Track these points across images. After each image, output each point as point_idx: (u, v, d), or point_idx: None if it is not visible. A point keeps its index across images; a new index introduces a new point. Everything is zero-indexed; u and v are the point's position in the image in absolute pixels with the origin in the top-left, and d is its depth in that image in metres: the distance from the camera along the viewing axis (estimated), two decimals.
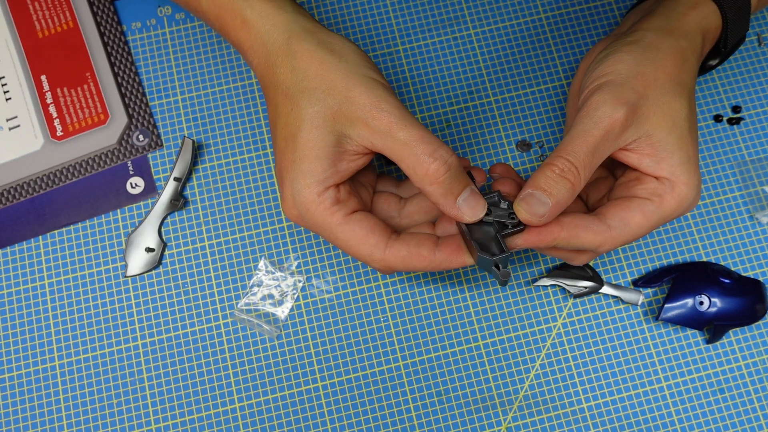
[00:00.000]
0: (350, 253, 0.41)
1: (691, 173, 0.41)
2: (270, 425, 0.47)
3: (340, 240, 0.41)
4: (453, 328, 0.49)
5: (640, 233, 0.42)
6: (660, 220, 0.42)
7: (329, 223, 0.40)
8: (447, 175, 0.39)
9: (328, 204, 0.40)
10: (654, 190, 0.41)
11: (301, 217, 0.41)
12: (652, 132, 0.41)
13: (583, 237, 0.41)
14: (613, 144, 0.40)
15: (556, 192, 0.39)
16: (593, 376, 0.49)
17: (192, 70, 0.54)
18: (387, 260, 0.41)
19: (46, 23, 0.54)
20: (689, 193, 0.41)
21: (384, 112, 0.39)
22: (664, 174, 0.41)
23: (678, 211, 0.42)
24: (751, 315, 0.48)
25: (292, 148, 0.40)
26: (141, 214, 0.51)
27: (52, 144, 0.52)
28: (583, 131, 0.40)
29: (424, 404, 0.48)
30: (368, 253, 0.41)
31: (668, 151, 0.41)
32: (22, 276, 0.50)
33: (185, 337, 0.49)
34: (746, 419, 0.48)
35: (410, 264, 0.41)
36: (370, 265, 0.42)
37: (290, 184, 0.40)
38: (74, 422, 0.47)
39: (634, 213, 0.41)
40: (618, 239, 0.41)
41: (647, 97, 0.41)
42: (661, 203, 0.41)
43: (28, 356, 0.48)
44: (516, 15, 0.56)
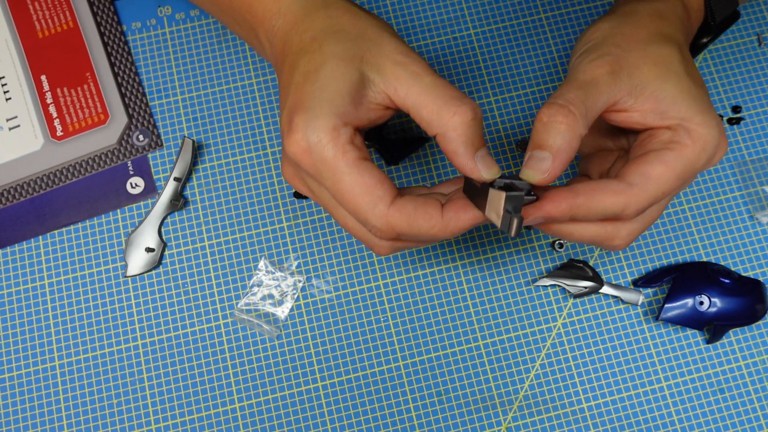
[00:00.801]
0: (350, 205, 0.37)
1: (704, 113, 0.38)
2: (270, 425, 0.47)
3: (344, 184, 0.37)
4: (453, 328, 0.49)
5: (667, 187, 0.38)
6: (686, 169, 0.38)
7: (338, 163, 0.37)
8: (473, 122, 0.37)
9: (343, 141, 0.37)
10: (669, 139, 0.39)
11: (310, 152, 0.37)
12: (645, 83, 0.39)
13: (602, 199, 0.37)
14: (603, 95, 0.38)
15: (552, 140, 0.37)
16: (593, 376, 0.49)
17: (192, 70, 0.54)
18: (390, 217, 0.37)
19: (46, 23, 0.54)
20: (709, 134, 0.38)
21: (412, 59, 0.38)
22: (674, 121, 0.38)
23: (704, 156, 0.38)
24: (751, 315, 0.48)
25: (314, 79, 0.38)
26: (141, 214, 0.51)
27: (52, 144, 0.52)
28: (566, 82, 0.39)
29: (424, 404, 0.48)
30: (371, 205, 0.37)
31: (670, 98, 0.38)
32: (23, 276, 0.50)
33: (185, 337, 0.49)
34: (746, 419, 0.48)
35: (415, 223, 0.37)
36: (368, 225, 0.38)
37: (305, 113, 0.37)
38: (74, 422, 0.47)
39: (653, 165, 0.38)
40: (643, 196, 0.38)
41: (630, 49, 0.39)
42: (681, 150, 0.38)
43: (29, 356, 0.48)
44: (516, 15, 0.56)
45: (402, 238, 0.38)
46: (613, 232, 0.40)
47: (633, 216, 0.39)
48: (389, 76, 0.38)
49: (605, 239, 0.40)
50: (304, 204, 0.52)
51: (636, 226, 0.40)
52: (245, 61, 0.54)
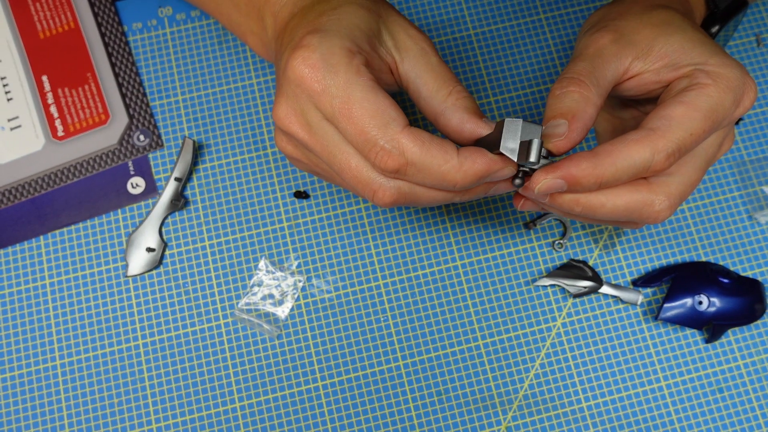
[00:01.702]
0: (359, 122, 0.34)
1: (720, 55, 0.36)
2: (270, 425, 0.47)
3: (355, 99, 0.34)
4: (453, 328, 0.49)
5: (695, 128, 0.35)
6: (713, 108, 0.35)
7: (350, 79, 0.34)
8: (469, 98, 0.37)
9: (358, 62, 0.35)
10: (688, 82, 0.36)
11: (318, 63, 0.34)
12: (651, 43, 0.37)
13: (625, 151, 0.34)
14: (610, 64, 0.37)
15: (566, 107, 0.35)
16: (593, 375, 0.49)
17: (192, 70, 0.54)
18: (403, 139, 0.34)
19: (48, 24, 0.54)
20: (730, 73, 0.36)
21: (423, 35, 0.38)
22: (688, 68, 0.36)
23: (729, 94, 0.36)
24: (750, 314, 0.48)
25: (333, 15, 0.36)
26: (142, 214, 0.51)
27: (53, 144, 0.52)
28: (573, 58, 0.38)
29: (424, 404, 0.48)
30: (383, 124, 0.34)
31: (679, 49, 0.37)
32: (23, 276, 0.50)
33: (185, 337, 0.49)
34: (745, 418, 0.48)
35: (428, 153, 0.34)
36: (376, 148, 0.34)
37: (320, 33, 0.35)
38: (74, 422, 0.47)
39: (673, 107, 0.35)
40: (669, 137, 0.35)
41: (628, 17, 0.39)
42: (703, 89, 0.36)
43: (29, 356, 0.49)
44: (516, 15, 0.56)
45: (409, 174, 0.34)
46: (649, 197, 0.36)
47: (665, 164, 0.35)
48: (400, 44, 0.37)
49: (643, 206, 0.36)
50: (304, 204, 0.52)
51: (675, 186, 0.37)
52: (245, 61, 0.54)
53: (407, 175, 0.35)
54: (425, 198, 0.36)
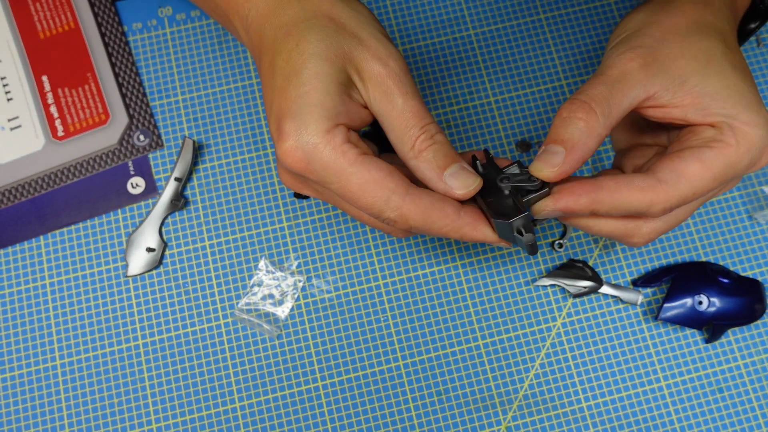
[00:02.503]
0: (362, 202, 0.35)
1: (752, 111, 0.35)
2: (270, 425, 0.47)
3: (353, 184, 0.35)
4: (453, 328, 0.49)
5: (701, 187, 0.35)
6: (726, 171, 0.35)
7: (340, 164, 0.35)
8: (432, 148, 0.36)
9: (339, 141, 0.35)
10: (712, 137, 0.35)
11: (307, 160, 0.35)
12: (685, 77, 0.36)
13: (626, 194, 0.35)
14: (632, 91, 0.36)
15: (568, 135, 0.35)
16: (593, 375, 0.49)
17: (192, 70, 0.54)
18: (405, 210, 0.35)
19: (48, 24, 0.54)
20: (757, 135, 0.35)
21: (388, 70, 0.36)
22: (717, 118, 0.35)
23: (747, 157, 0.35)
24: (749, 314, 0.48)
25: (297, 83, 0.35)
26: (142, 214, 0.51)
27: (53, 144, 0.52)
28: (595, 76, 0.37)
29: (424, 404, 0.48)
30: (385, 198, 0.35)
31: (712, 93, 0.35)
32: (23, 276, 0.50)
33: (185, 337, 0.49)
34: (745, 418, 0.48)
35: (430, 218, 0.35)
36: (383, 218, 0.36)
37: (294, 120, 0.35)
38: (74, 422, 0.47)
39: (688, 162, 0.35)
40: (672, 194, 0.35)
41: (667, 40, 0.36)
42: (723, 149, 0.35)
43: (29, 356, 0.49)
44: (516, 15, 0.56)
45: (416, 231, 0.37)
46: (633, 229, 0.38)
47: (659, 215, 0.36)
48: (366, 84, 0.36)
49: (624, 235, 0.38)
50: (304, 204, 0.52)
51: (659, 224, 0.38)
52: (245, 61, 0.54)
53: (416, 232, 0.37)
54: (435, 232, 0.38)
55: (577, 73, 0.55)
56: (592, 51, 0.55)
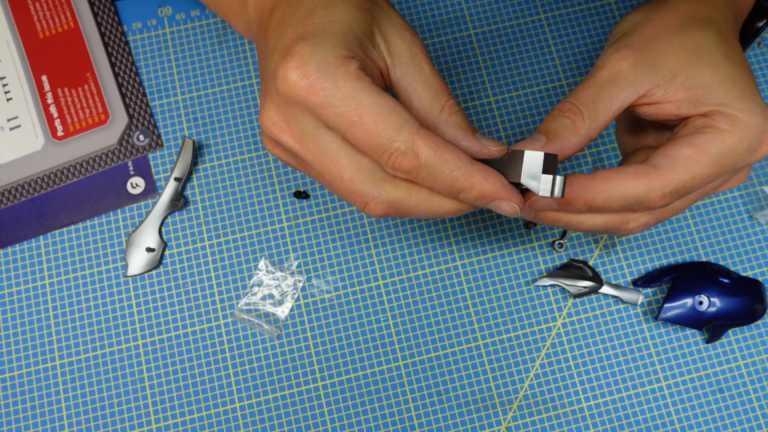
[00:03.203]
0: (370, 128, 0.32)
1: (746, 98, 0.35)
2: (270, 425, 0.47)
3: (364, 105, 0.32)
4: (453, 328, 0.49)
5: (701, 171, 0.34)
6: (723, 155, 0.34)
7: (352, 85, 0.32)
8: (460, 113, 0.35)
9: (354, 66, 0.33)
10: (704, 124, 0.35)
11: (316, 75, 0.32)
12: (676, 71, 0.35)
13: (621, 182, 0.34)
14: (628, 85, 0.36)
15: (552, 128, 0.35)
16: (593, 375, 0.49)
17: (192, 70, 0.54)
18: (417, 142, 0.32)
19: (47, 23, 0.54)
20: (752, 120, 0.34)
21: (416, 40, 0.35)
22: (709, 108, 0.35)
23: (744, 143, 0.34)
24: (750, 315, 0.48)
25: (324, 14, 0.33)
26: (141, 214, 0.51)
27: (52, 144, 0.52)
28: (586, 78, 0.37)
29: (424, 404, 0.48)
30: (397, 125, 0.32)
31: (705, 85, 0.35)
32: (23, 276, 0.50)
33: (185, 337, 0.49)
34: (745, 419, 0.48)
35: (443, 156, 0.33)
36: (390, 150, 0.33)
37: (310, 40, 0.32)
38: (74, 422, 0.47)
39: (681, 147, 0.34)
40: (669, 178, 0.34)
41: (658, 37, 0.36)
42: (716, 133, 0.34)
43: (29, 356, 0.49)
44: (516, 15, 0.56)
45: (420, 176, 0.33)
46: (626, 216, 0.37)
47: (660, 202, 0.35)
48: (392, 48, 0.35)
49: (620, 224, 0.37)
50: (304, 204, 0.52)
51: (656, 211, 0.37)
52: (245, 61, 0.54)
53: (418, 178, 0.34)
54: (416, 213, 0.36)
55: (577, 73, 0.55)
56: (592, 51, 0.55)
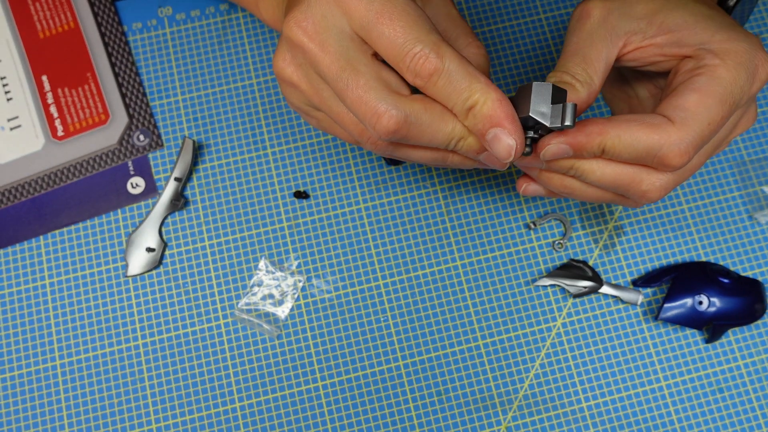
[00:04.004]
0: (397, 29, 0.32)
1: (726, 29, 0.34)
2: (270, 425, 0.47)
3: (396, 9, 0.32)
4: (453, 328, 0.49)
5: (713, 114, 0.33)
6: (727, 91, 0.33)
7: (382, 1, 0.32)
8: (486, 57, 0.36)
9: None
10: (695, 66, 0.34)
11: None
12: (650, 16, 0.35)
13: (638, 131, 0.33)
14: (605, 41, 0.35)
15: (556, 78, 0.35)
16: (593, 375, 0.49)
17: (192, 70, 0.54)
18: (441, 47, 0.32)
19: (47, 23, 0.54)
20: (739, 47, 0.34)
21: None
22: (693, 48, 0.34)
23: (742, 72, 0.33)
24: (750, 315, 0.48)
25: None
26: (141, 214, 0.51)
27: (52, 144, 0.52)
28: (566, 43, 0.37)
29: (424, 404, 0.48)
30: (426, 31, 0.32)
31: (681, 24, 0.35)
32: (23, 276, 0.50)
33: (185, 337, 0.49)
34: (745, 419, 0.48)
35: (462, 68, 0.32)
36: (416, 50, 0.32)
37: None
38: (74, 422, 0.47)
39: (685, 94, 0.33)
40: (686, 132, 0.33)
41: None
42: (712, 71, 0.33)
43: (29, 356, 0.49)
44: (516, 15, 0.56)
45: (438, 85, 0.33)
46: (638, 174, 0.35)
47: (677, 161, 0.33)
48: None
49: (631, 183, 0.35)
50: (304, 204, 0.52)
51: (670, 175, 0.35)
52: (245, 61, 0.54)
53: (437, 85, 0.33)
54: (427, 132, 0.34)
55: None
56: None
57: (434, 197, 0.52)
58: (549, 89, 0.33)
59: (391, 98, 0.33)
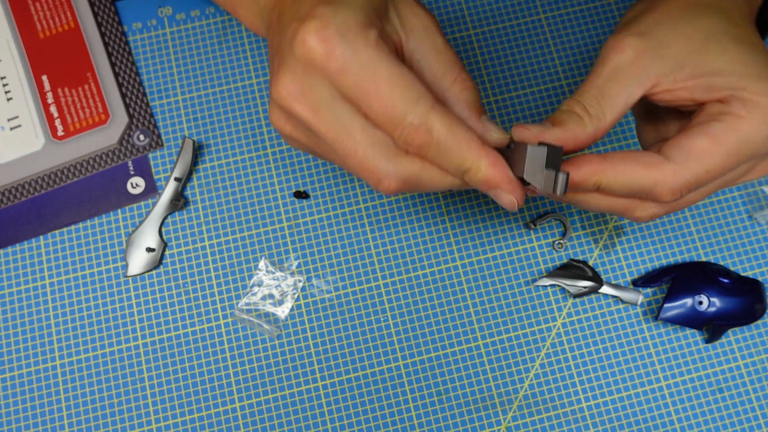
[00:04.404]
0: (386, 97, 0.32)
1: (762, 80, 0.33)
2: (270, 425, 0.47)
3: (381, 75, 0.32)
4: (453, 328, 0.49)
5: (714, 165, 0.33)
6: (741, 145, 0.33)
7: (371, 53, 0.32)
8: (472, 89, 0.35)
9: (374, 35, 0.32)
10: (720, 110, 0.34)
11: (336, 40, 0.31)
12: (683, 59, 0.34)
13: (631, 170, 0.33)
14: (632, 80, 0.35)
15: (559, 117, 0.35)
16: (593, 375, 0.49)
17: (192, 70, 0.54)
18: (432, 117, 0.32)
19: (47, 23, 0.54)
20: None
21: (427, 12, 0.35)
22: (724, 93, 0.33)
23: (762, 129, 0.33)
24: (750, 315, 0.48)
25: None
26: (141, 214, 0.51)
27: (52, 144, 0.52)
28: (589, 73, 0.36)
29: (424, 404, 0.48)
30: (413, 98, 0.32)
31: (715, 70, 0.34)
32: (23, 276, 0.50)
33: (185, 337, 0.49)
34: (745, 419, 0.48)
35: (455, 134, 0.32)
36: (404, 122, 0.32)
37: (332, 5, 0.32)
38: (74, 422, 0.47)
39: (695, 138, 0.33)
40: (681, 174, 0.33)
41: (661, 23, 0.35)
42: (733, 121, 0.33)
43: (29, 356, 0.49)
44: (516, 15, 0.56)
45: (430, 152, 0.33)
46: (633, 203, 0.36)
47: (667, 198, 0.34)
48: (405, 22, 0.35)
49: (624, 211, 0.37)
50: (304, 204, 0.52)
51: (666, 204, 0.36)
52: (245, 61, 0.54)
53: (428, 154, 0.33)
54: (429, 186, 0.35)
55: (577, 73, 0.55)
56: (592, 51, 0.55)
57: (434, 197, 0.52)
58: (543, 154, 0.33)
59: (391, 161, 0.33)
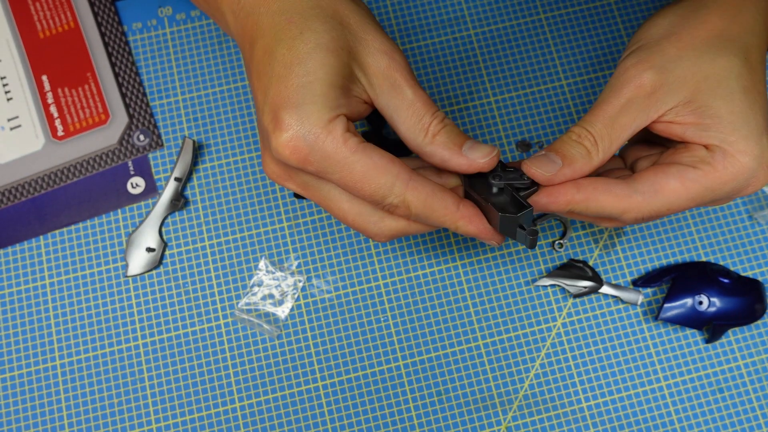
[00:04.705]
0: (365, 189, 0.35)
1: (750, 139, 0.35)
2: (270, 425, 0.47)
3: (356, 172, 0.35)
4: (453, 328, 0.49)
5: (677, 204, 0.36)
6: (705, 193, 0.36)
7: (342, 153, 0.35)
8: (445, 130, 0.37)
9: (340, 131, 0.35)
10: (702, 158, 0.36)
11: (308, 150, 0.35)
12: (692, 97, 0.36)
13: (602, 200, 0.36)
14: (642, 113, 0.37)
15: (569, 153, 0.36)
16: (593, 375, 0.49)
17: (192, 70, 0.54)
18: (408, 195, 0.35)
19: (47, 23, 0.54)
20: (747, 164, 0.35)
21: (395, 63, 0.36)
22: (712, 141, 0.36)
23: (730, 185, 0.36)
24: (750, 314, 0.48)
25: (300, 72, 0.34)
26: (141, 214, 0.51)
27: (52, 144, 0.52)
28: (603, 100, 0.37)
29: (424, 404, 0.48)
30: (389, 184, 0.35)
31: (715, 116, 0.36)
32: (23, 276, 0.50)
33: (185, 337, 0.49)
34: (745, 419, 0.48)
35: (431, 206, 0.36)
36: (385, 204, 0.36)
37: (296, 110, 0.34)
38: (74, 422, 0.47)
39: (669, 179, 0.36)
40: (645, 207, 0.36)
41: (683, 58, 0.36)
42: (708, 172, 0.35)
43: (29, 356, 0.49)
44: (516, 15, 0.56)
45: (413, 218, 0.37)
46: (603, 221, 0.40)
47: (631, 223, 0.38)
48: (372, 80, 0.36)
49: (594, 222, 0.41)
50: (304, 204, 0.52)
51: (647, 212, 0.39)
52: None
53: (413, 218, 0.37)
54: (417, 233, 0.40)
55: (577, 73, 0.55)
56: (592, 51, 0.55)
57: None
58: (516, 223, 0.36)
59: (377, 224, 0.38)
